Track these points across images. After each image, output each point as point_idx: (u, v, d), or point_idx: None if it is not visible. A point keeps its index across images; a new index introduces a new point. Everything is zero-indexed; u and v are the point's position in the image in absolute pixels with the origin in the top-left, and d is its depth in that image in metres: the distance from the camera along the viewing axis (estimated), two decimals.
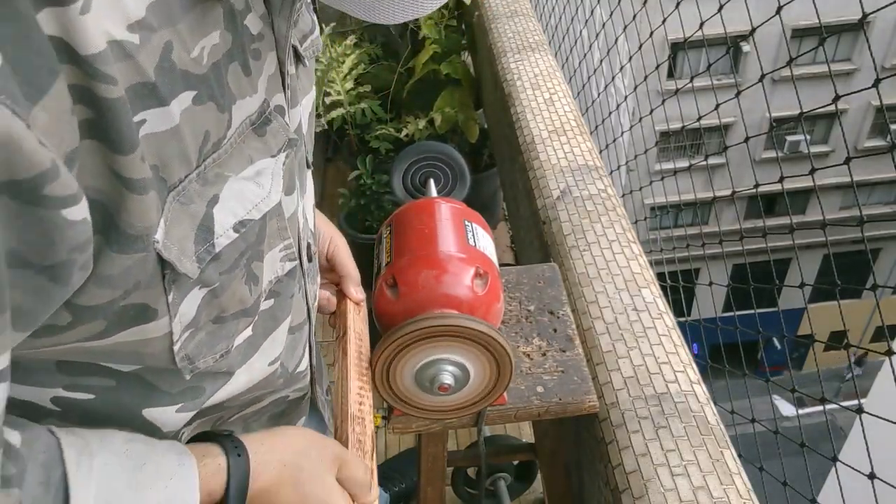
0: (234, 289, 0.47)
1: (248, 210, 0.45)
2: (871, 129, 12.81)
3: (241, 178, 0.45)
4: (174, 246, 0.40)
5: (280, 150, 0.49)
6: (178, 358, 0.46)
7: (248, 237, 0.46)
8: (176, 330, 0.45)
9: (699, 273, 7.53)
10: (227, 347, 0.50)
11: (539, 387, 0.83)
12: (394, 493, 1.55)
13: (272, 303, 0.55)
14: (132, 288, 0.40)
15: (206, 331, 0.48)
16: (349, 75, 2.18)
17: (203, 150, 0.41)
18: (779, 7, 0.96)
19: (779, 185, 1.14)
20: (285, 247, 0.54)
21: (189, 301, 0.44)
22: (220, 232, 0.43)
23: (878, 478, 0.85)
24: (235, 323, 0.50)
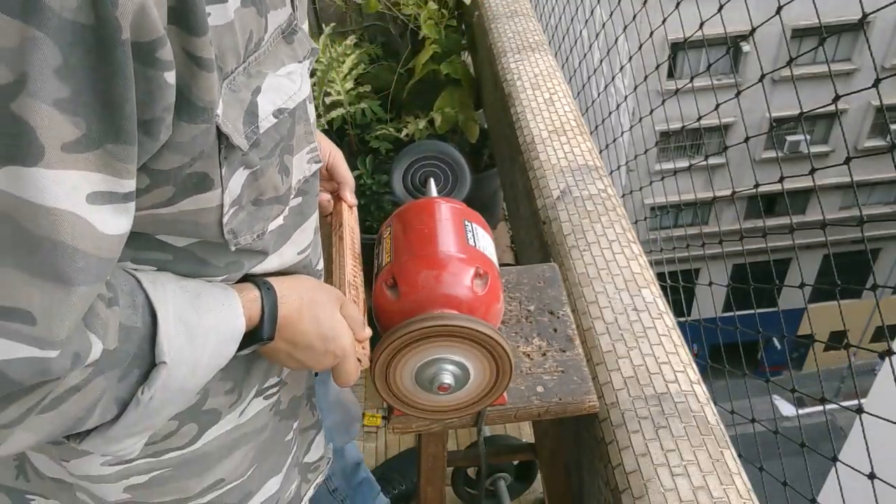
0: (270, 175, 0.54)
1: (284, 100, 0.52)
2: (871, 129, 12.81)
3: (277, 76, 0.52)
4: (229, 122, 0.48)
5: (305, 57, 0.56)
6: (226, 231, 0.54)
7: (282, 129, 0.54)
8: (226, 202, 0.52)
9: (699, 273, 7.53)
10: (263, 229, 0.58)
11: (539, 387, 0.83)
12: (394, 494, 1.55)
13: (300, 200, 0.63)
14: (197, 156, 0.47)
15: (247, 211, 0.55)
16: (349, 75, 2.18)
17: (248, 48, 0.48)
18: (779, 7, 0.96)
19: (779, 185, 1.14)
20: (311, 149, 0.62)
21: (236, 178, 0.51)
22: (262, 116, 0.51)
23: (878, 478, 0.85)
24: (269, 208, 0.57)
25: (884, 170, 11.84)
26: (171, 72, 0.41)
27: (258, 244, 0.59)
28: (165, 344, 0.50)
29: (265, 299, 0.59)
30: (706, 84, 1.69)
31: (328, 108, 2.19)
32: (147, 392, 0.51)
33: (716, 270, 5.65)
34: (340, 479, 1.17)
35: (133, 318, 0.49)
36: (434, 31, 2.15)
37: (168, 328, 0.50)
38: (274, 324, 0.60)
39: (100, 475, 0.63)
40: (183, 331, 0.51)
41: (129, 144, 0.41)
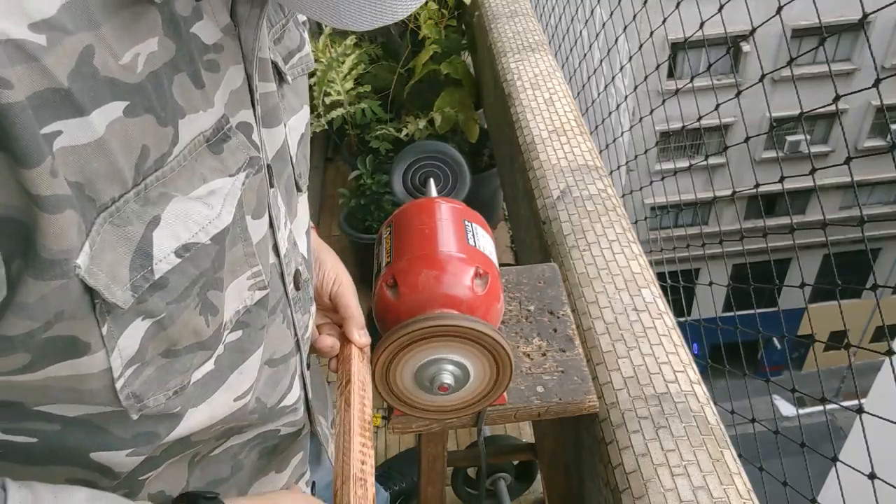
0: (185, 320, 0.43)
1: (193, 233, 0.40)
2: (871, 129, 12.81)
3: (189, 199, 0.40)
4: (102, 273, 0.36)
5: (239, 169, 0.44)
6: (123, 396, 0.42)
7: (200, 263, 0.42)
8: (115, 365, 0.41)
9: (699, 273, 7.53)
10: (182, 383, 0.46)
11: (539, 387, 0.83)
12: (394, 493, 1.55)
13: (240, 334, 0.51)
14: (54, 319, 0.36)
15: (156, 366, 0.43)
16: (349, 75, 2.18)
17: (142, 168, 0.37)
18: (779, 7, 0.96)
19: (779, 185, 1.14)
20: (253, 274, 0.49)
21: (130, 334, 0.40)
22: (159, 257, 0.39)
23: (878, 478, 0.85)
24: (190, 357, 0.45)
25: (884, 170, 11.84)
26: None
27: (175, 402, 0.46)
28: None
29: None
30: (706, 84, 1.69)
31: (328, 108, 2.19)
32: None
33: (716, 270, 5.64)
34: None
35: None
36: (434, 30, 2.15)
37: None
38: None
39: None
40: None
41: None
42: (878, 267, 13.64)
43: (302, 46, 0.59)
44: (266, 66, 0.50)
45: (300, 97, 0.59)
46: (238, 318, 0.50)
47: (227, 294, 0.47)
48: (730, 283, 6.75)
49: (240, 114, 0.46)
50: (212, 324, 0.45)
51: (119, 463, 0.47)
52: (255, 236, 0.49)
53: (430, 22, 2.15)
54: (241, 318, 0.50)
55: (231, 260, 0.46)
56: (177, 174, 0.40)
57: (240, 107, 0.46)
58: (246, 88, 0.46)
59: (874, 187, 13.31)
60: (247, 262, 0.48)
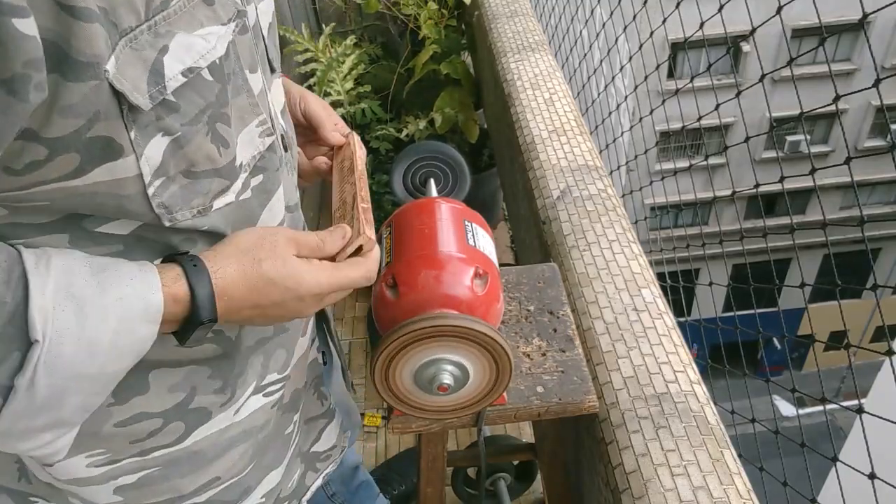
0: (198, 143, 0.50)
1: (195, 59, 0.48)
2: (871, 129, 12.81)
3: (191, 35, 0.48)
4: (127, 81, 0.44)
5: (230, 19, 0.52)
6: (155, 205, 0.50)
7: (206, 94, 0.50)
8: (145, 171, 0.48)
9: (699, 273, 7.53)
10: (204, 205, 0.54)
11: (539, 387, 0.83)
12: (394, 495, 1.55)
13: (261, 178, 0.60)
14: (94, 118, 0.44)
15: (179, 184, 0.51)
16: (349, 75, 2.18)
17: (150, 5, 0.45)
18: (779, 7, 0.96)
19: (779, 185, 1.14)
20: (260, 122, 0.58)
21: (154, 146, 0.48)
22: (170, 76, 0.47)
23: (878, 478, 0.85)
24: (209, 181, 0.53)
25: (884, 170, 11.84)
26: (26, 19, 0.38)
27: (203, 222, 0.54)
28: (38, 319, 0.44)
29: (191, 276, 0.52)
30: (706, 84, 1.69)
31: None
32: (21, 377, 0.45)
33: (716, 270, 5.64)
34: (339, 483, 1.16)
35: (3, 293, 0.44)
36: (434, 31, 2.15)
37: (43, 302, 0.44)
38: (212, 302, 0.53)
39: (87, 477, 0.61)
40: (69, 306, 0.46)
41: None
42: (878, 267, 13.64)
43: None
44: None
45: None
46: (256, 164, 0.59)
47: (241, 137, 0.55)
48: (730, 283, 6.75)
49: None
50: (224, 155, 0.53)
51: None
52: (255, 88, 0.57)
53: (430, 22, 2.15)
54: (259, 164, 0.59)
55: (239, 107, 0.55)
56: (178, 17, 0.47)
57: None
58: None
59: (874, 187, 13.31)
60: (253, 111, 0.57)
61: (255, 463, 0.72)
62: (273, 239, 0.58)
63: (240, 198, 0.58)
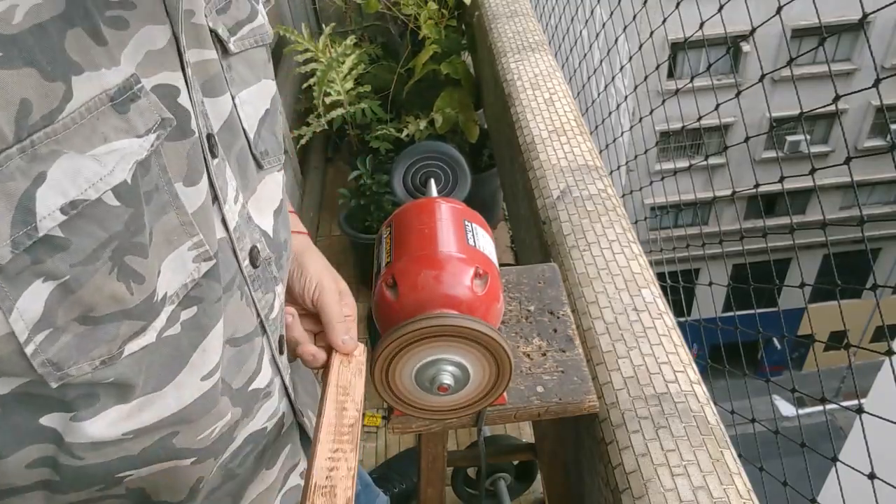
0: (97, 284, 0.41)
1: (82, 189, 0.39)
2: (871, 129, 12.81)
3: (82, 156, 0.39)
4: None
5: (149, 130, 0.43)
6: (37, 364, 0.41)
7: (109, 226, 0.41)
8: (19, 329, 0.39)
9: (699, 273, 7.53)
10: (111, 353, 0.44)
11: (539, 387, 0.83)
12: (394, 495, 1.55)
13: (195, 310, 0.50)
14: None
15: (73, 333, 0.42)
16: (349, 75, 2.18)
17: (24, 123, 0.36)
18: (779, 7, 0.96)
19: (779, 185, 1.14)
20: (195, 245, 0.48)
21: (30, 296, 0.39)
22: (43, 213, 0.38)
23: (878, 478, 0.85)
24: (115, 325, 0.44)
25: (884, 170, 11.85)
26: None
27: (108, 374, 0.45)
28: None
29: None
30: (706, 84, 1.69)
31: (328, 108, 2.19)
32: None
33: (716, 270, 5.63)
34: None
35: None
36: (434, 31, 2.15)
37: None
38: None
39: None
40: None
41: None
42: (878, 267, 13.64)
43: (254, 17, 0.58)
44: (202, 32, 0.50)
45: (255, 70, 0.57)
46: (188, 293, 0.49)
47: (165, 264, 0.46)
48: (730, 283, 6.75)
49: (161, 75, 0.45)
50: (137, 291, 0.44)
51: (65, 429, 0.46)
52: (189, 205, 0.47)
53: (430, 22, 2.15)
54: (192, 293, 0.49)
55: (165, 229, 0.46)
56: (72, 132, 0.38)
57: (161, 68, 0.45)
58: (173, 50, 0.46)
59: (874, 187, 13.31)
60: (185, 232, 0.47)
61: None
62: None
63: (164, 335, 0.48)
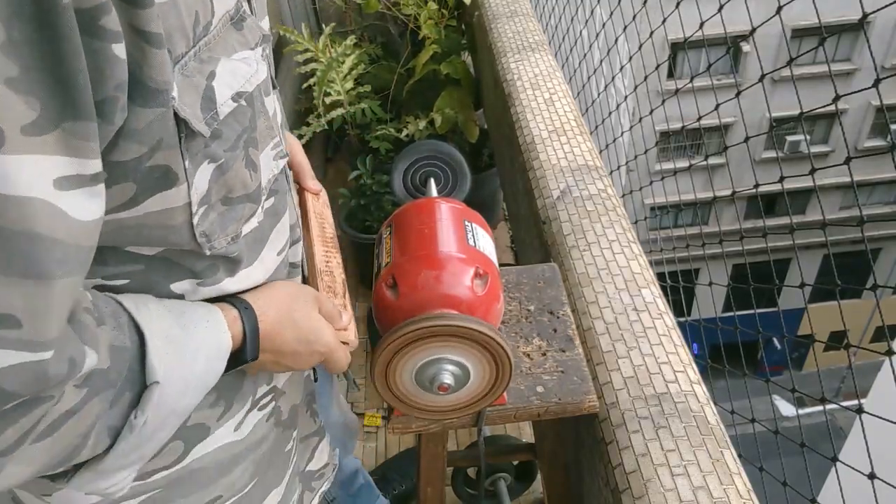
0: (236, 169, 0.51)
1: (242, 83, 0.49)
2: (871, 129, 12.81)
3: (232, 59, 0.49)
4: (187, 107, 0.45)
5: (258, 43, 0.53)
6: (198, 234, 0.51)
7: (242, 119, 0.51)
8: (194, 200, 0.49)
9: (699, 273, 7.53)
10: (237, 231, 0.55)
11: (539, 387, 0.83)
12: (394, 495, 1.55)
13: (273, 200, 0.61)
14: (156, 145, 0.44)
15: (218, 211, 0.52)
16: (349, 75, 2.18)
17: (196, 31, 0.45)
18: (779, 7, 0.96)
19: (779, 185, 1.14)
20: (275, 144, 0.59)
21: (202, 173, 0.48)
22: (221, 101, 0.48)
23: (878, 478, 0.85)
24: (241, 207, 0.54)
25: (884, 170, 11.85)
26: (120, 44, 0.38)
27: (233, 248, 0.56)
28: (157, 362, 0.48)
29: (245, 318, 0.57)
30: (706, 84, 1.69)
31: (328, 108, 2.19)
32: (140, 416, 0.48)
33: (716, 270, 5.64)
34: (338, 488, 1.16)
35: (121, 339, 0.47)
36: (434, 30, 2.15)
37: (157, 346, 0.49)
38: (256, 343, 0.58)
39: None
40: (172, 349, 0.50)
41: (89, 120, 0.38)
42: (878, 267, 13.64)
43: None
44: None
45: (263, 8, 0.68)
46: (271, 186, 0.60)
47: (261, 159, 0.56)
48: (730, 283, 6.75)
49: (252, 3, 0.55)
50: (254, 179, 0.54)
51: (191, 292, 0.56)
52: (270, 111, 0.58)
53: (430, 22, 2.15)
54: (273, 186, 0.60)
55: (259, 129, 0.55)
56: (216, 43, 0.48)
57: None
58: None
59: (874, 187, 13.31)
60: (269, 134, 0.58)
61: (256, 480, 0.71)
62: (303, 294, 0.65)
63: (259, 222, 0.59)
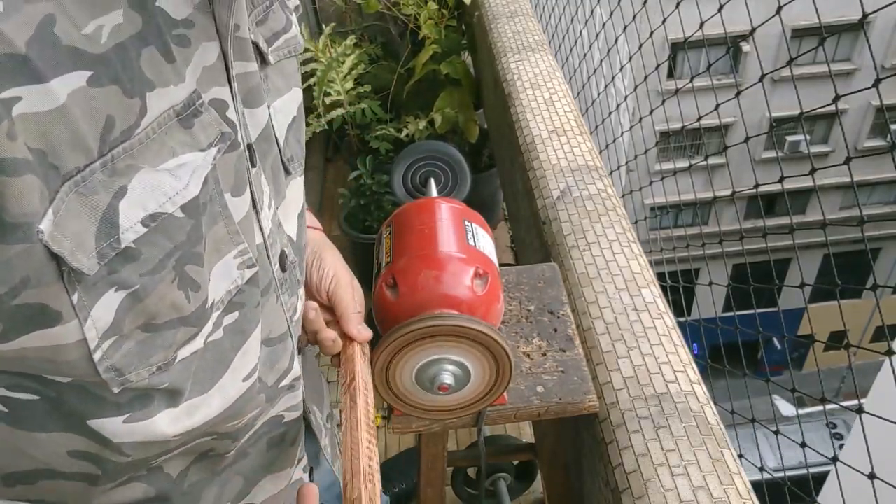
0: (161, 293, 0.43)
1: (160, 203, 0.41)
2: (871, 129, 12.82)
3: (157, 170, 0.41)
4: (66, 239, 0.37)
5: (210, 144, 0.45)
6: (102, 369, 0.42)
7: (174, 236, 0.43)
8: (91, 336, 0.41)
9: (699, 273, 7.53)
10: (167, 359, 0.46)
11: (539, 387, 0.83)
12: (394, 495, 1.55)
13: (237, 315, 0.52)
14: (20, 284, 0.37)
15: (136, 340, 0.44)
16: (349, 75, 2.18)
17: (108, 138, 0.38)
18: (779, 7, 0.96)
19: (779, 185, 1.14)
20: (240, 252, 0.50)
21: (104, 305, 0.41)
22: (126, 226, 0.39)
23: (878, 478, 0.85)
24: (172, 332, 0.45)
25: (884, 170, 11.85)
26: None
27: (162, 378, 0.46)
28: None
29: None
30: (706, 84, 1.69)
31: (328, 108, 2.19)
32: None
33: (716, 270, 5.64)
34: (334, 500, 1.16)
35: None
36: (434, 31, 2.15)
37: None
38: None
39: None
40: None
41: None
42: (878, 267, 13.63)
43: (288, 28, 0.59)
44: (245, 45, 0.50)
45: (287, 79, 0.59)
46: (231, 299, 0.51)
47: (213, 272, 0.48)
48: (730, 283, 6.76)
49: (213, 90, 0.46)
50: (193, 300, 0.46)
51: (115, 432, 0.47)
52: (236, 214, 0.49)
53: (430, 22, 2.15)
54: (235, 299, 0.51)
55: (214, 238, 0.47)
56: (145, 146, 0.40)
57: (213, 83, 0.46)
58: (221, 65, 0.47)
59: (874, 187, 13.31)
60: (231, 241, 0.49)
61: None
62: None
63: (209, 340, 0.49)
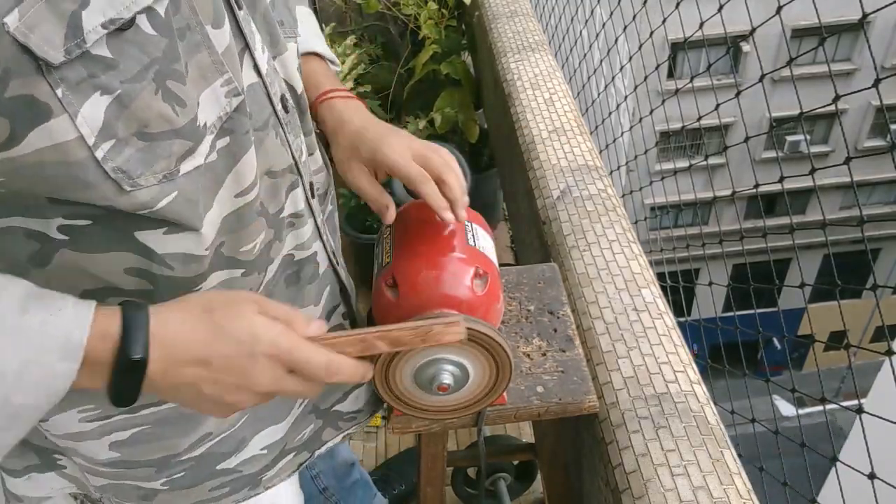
0: (145, 101, 0.48)
1: (118, 10, 0.45)
2: (871, 129, 12.82)
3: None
4: (33, 34, 0.42)
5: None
6: (109, 169, 0.47)
7: (150, 49, 0.47)
8: (86, 132, 0.46)
9: (699, 273, 7.53)
10: (170, 168, 0.51)
11: (539, 387, 0.83)
12: (393, 495, 1.55)
13: (228, 140, 0.57)
14: (4, 75, 0.42)
15: (136, 147, 0.49)
16: (349, 75, 2.18)
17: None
18: (779, 7, 0.96)
19: (779, 185, 1.14)
20: (226, 81, 0.55)
21: (92, 105, 0.45)
22: (88, 28, 0.44)
23: (878, 478, 0.85)
24: (169, 143, 0.50)
25: (884, 170, 11.85)
26: None
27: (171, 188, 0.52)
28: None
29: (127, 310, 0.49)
30: (706, 84, 1.69)
31: None
32: None
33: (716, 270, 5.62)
34: (331, 478, 1.16)
35: None
36: (434, 31, 2.15)
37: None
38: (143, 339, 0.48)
39: (80, 432, 0.63)
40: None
41: None
42: (878, 267, 13.64)
43: None
44: None
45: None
46: (223, 126, 0.56)
47: (202, 97, 0.52)
48: (730, 283, 6.76)
49: None
50: (182, 114, 0.50)
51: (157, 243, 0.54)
52: (219, 45, 0.54)
53: (430, 22, 2.15)
54: (226, 125, 0.56)
55: (199, 65, 0.52)
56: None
57: None
58: None
59: (874, 187, 13.32)
60: (217, 70, 0.54)
61: (247, 416, 0.73)
62: (231, 295, 0.56)
63: (207, 160, 0.55)
